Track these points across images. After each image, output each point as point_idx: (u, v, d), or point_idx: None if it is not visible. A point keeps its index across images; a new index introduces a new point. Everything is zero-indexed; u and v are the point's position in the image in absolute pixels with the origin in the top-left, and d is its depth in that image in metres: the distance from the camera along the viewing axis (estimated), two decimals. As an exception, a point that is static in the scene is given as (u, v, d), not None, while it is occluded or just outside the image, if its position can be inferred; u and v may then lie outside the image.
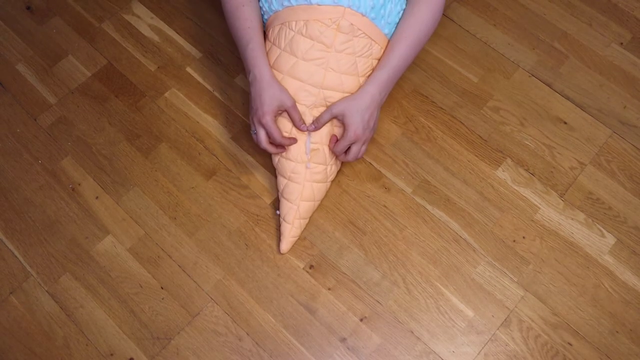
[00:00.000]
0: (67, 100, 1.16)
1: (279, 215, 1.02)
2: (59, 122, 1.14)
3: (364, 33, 0.96)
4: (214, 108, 1.15)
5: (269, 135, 0.95)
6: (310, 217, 1.04)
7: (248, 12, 0.99)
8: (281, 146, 0.97)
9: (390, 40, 0.99)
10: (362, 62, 0.98)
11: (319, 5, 0.95)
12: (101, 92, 1.17)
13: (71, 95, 1.17)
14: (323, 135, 0.99)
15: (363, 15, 0.95)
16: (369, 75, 0.99)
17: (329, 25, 0.95)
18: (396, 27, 1.00)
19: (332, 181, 1.07)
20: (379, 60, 0.99)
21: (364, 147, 0.99)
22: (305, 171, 0.99)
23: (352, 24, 0.95)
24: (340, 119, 0.96)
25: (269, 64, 0.97)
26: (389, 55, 0.98)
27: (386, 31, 0.99)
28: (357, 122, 0.94)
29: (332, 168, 1.02)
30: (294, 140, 0.97)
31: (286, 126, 0.98)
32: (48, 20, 1.25)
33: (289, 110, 0.95)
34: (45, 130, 1.14)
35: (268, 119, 0.93)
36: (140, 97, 1.16)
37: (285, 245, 1.01)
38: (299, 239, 1.03)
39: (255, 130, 0.96)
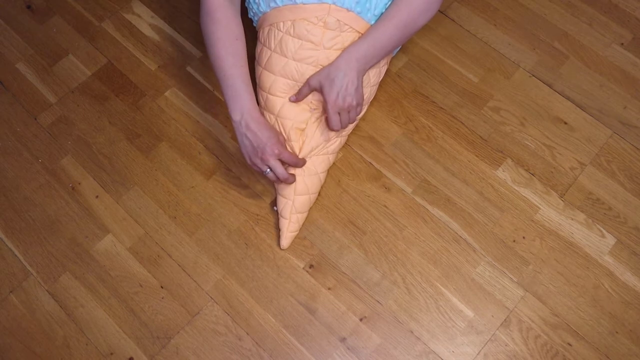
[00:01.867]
0: (67, 99, 1.16)
1: (276, 210, 1.02)
2: (59, 121, 1.14)
3: (351, 27, 0.96)
4: (214, 107, 1.15)
5: (276, 171, 0.94)
6: (311, 216, 1.04)
7: (241, 47, 0.97)
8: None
9: (378, 19, 0.98)
10: None
11: (304, 4, 0.95)
12: (101, 91, 1.17)
13: (71, 95, 1.17)
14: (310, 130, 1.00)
15: (348, 10, 0.95)
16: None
17: (316, 23, 0.95)
18: (386, 9, 0.98)
19: (327, 175, 1.06)
20: (364, 34, 0.97)
21: (352, 113, 0.97)
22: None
23: (338, 20, 0.95)
24: (319, 91, 0.95)
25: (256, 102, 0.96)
26: (372, 30, 0.95)
27: (373, 23, 0.99)
28: (334, 92, 0.93)
29: (318, 159, 1.01)
30: (294, 178, 0.97)
31: (276, 105, 0.99)
32: (48, 19, 1.25)
33: (282, 143, 0.96)
34: (46, 129, 1.14)
35: (277, 152, 0.93)
36: (140, 96, 1.16)
37: (284, 241, 1.01)
38: (298, 238, 1.03)
39: (268, 169, 0.95)
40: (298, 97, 0.97)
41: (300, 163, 0.97)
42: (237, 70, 0.95)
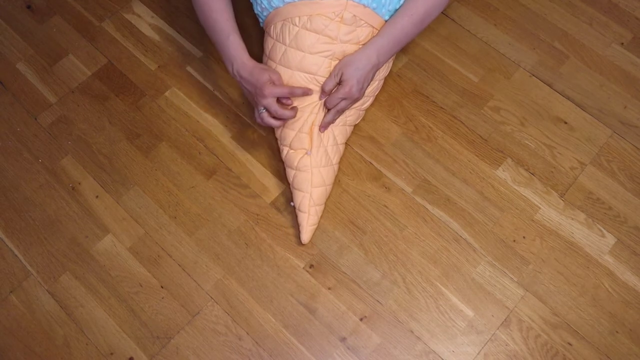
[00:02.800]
0: (68, 99, 1.16)
1: (294, 206, 1.02)
2: (59, 121, 1.14)
3: (366, 23, 0.98)
4: (214, 107, 1.15)
5: (270, 110, 0.96)
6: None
7: (224, 5, 1.01)
8: (282, 119, 0.98)
9: (395, 14, 1.00)
10: None
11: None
12: (101, 91, 1.17)
13: (71, 95, 1.17)
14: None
15: (365, 6, 0.97)
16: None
17: (333, 19, 0.96)
18: (403, 3, 1.00)
19: (339, 167, 1.07)
20: (382, 28, 1.00)
21: (350, 105, 1.00)
22: (310, 159, 1.00)
23: (354, 15, 0.97)
24: (339, 76, 0.98)
25: (246, 51, 0.99)
26: (391, 26, 0.99)
27: (387, 18, 1.01)
28: (353, 80, 0.96)
29: (332, 149, 1.02)
30: (293, 112, 0.97)
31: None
32: (48, 19, 1.25)
33: (276, 82, 0.97)
34: (46, 129, 1.14)
35: (267, 93, 0.94)
36: (140, 96, 1.16)
37: (305, 235, 1.01)
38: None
39: (261, 110, 0.97)
40: (326, 92, 0.99)
41: (296, 92, 0.97)
42: (221, 24, 0.99)
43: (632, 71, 1.17)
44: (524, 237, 1.03)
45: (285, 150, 1.02)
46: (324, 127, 1.00)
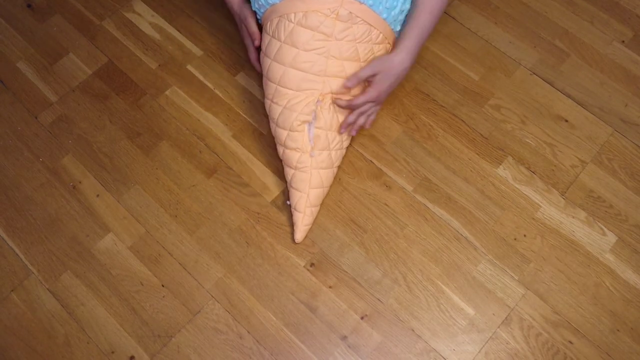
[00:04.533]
0: (68, 98, 1.16)
1: (290, 205, 1.02)
2: (59, 120, 1.14)
3: (362, 20, 0.97)
4: (215, 106, 1.15)
5: (247, 28, 1.05)
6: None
7: None
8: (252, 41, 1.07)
9: (413, 12, 1.00)
10: (363, 47, 0.98)
11: None
12: (102, 90, 1.17)
13: (72, 93, 1.17)
14: (326, 120, 0.99)
15: (361, 3, 0.96)
16: (370, 60, 1.00)
17: (328, 15, 0.96)
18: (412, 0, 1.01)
19: (339, 168, 1.07)
20: (405, 29, 1.00)
21: (377, 108, 1.02)
22: (311, 159, 0.99)
23: (350, 12, 0.96)
24: (373, 73, 0.98)
25: None
26: (413, 24, 0.99)
27: (385, 16, 1.00)
28: (384, 86, 0.97)
29: (336, 153, 1.02)
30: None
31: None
32: (49, 18, 1.25)
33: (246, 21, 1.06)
34: (46, 128, 1.14)
35: (245, 22, 1.05)
36: (141, 95, 1.16)
37: (299, 235, 1.01)
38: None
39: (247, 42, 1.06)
40: (349, 85, 0.98)
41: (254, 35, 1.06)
42: None
43: (633, 69, 1.17)
44: (524, 236, 1.03)
45: (281, 150, 1.02)
46: (344, 127, 1.00)
